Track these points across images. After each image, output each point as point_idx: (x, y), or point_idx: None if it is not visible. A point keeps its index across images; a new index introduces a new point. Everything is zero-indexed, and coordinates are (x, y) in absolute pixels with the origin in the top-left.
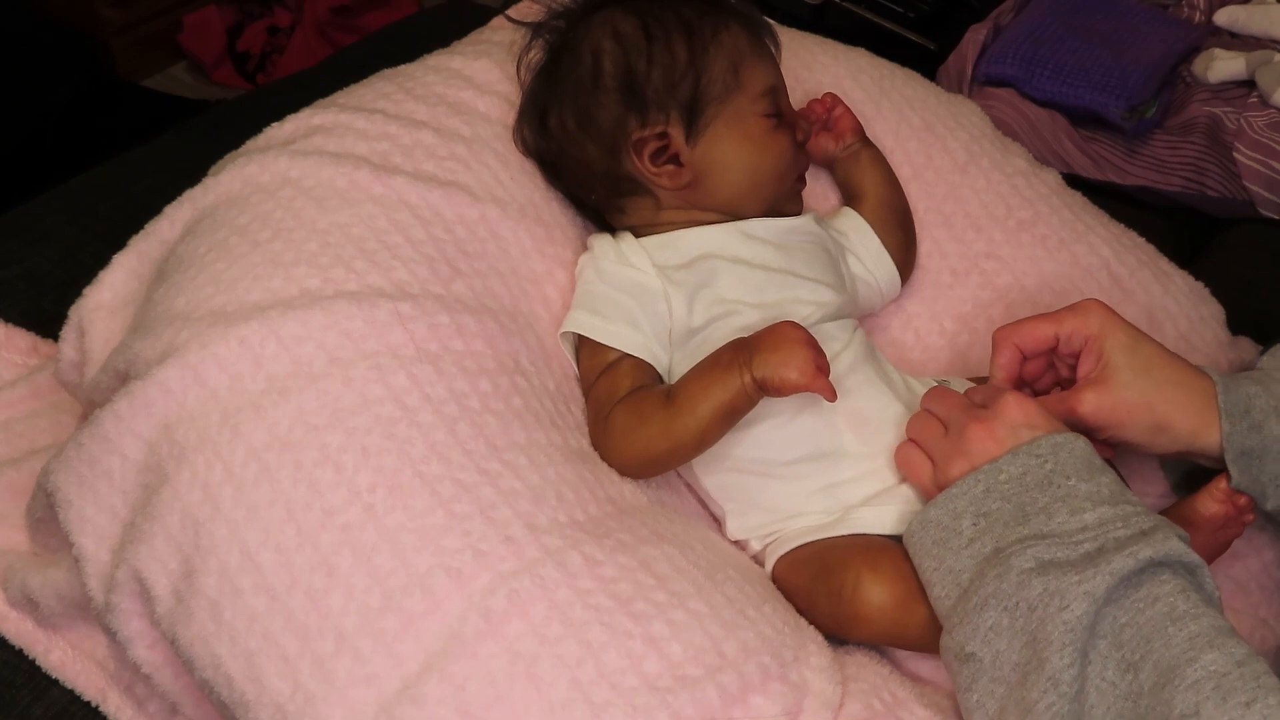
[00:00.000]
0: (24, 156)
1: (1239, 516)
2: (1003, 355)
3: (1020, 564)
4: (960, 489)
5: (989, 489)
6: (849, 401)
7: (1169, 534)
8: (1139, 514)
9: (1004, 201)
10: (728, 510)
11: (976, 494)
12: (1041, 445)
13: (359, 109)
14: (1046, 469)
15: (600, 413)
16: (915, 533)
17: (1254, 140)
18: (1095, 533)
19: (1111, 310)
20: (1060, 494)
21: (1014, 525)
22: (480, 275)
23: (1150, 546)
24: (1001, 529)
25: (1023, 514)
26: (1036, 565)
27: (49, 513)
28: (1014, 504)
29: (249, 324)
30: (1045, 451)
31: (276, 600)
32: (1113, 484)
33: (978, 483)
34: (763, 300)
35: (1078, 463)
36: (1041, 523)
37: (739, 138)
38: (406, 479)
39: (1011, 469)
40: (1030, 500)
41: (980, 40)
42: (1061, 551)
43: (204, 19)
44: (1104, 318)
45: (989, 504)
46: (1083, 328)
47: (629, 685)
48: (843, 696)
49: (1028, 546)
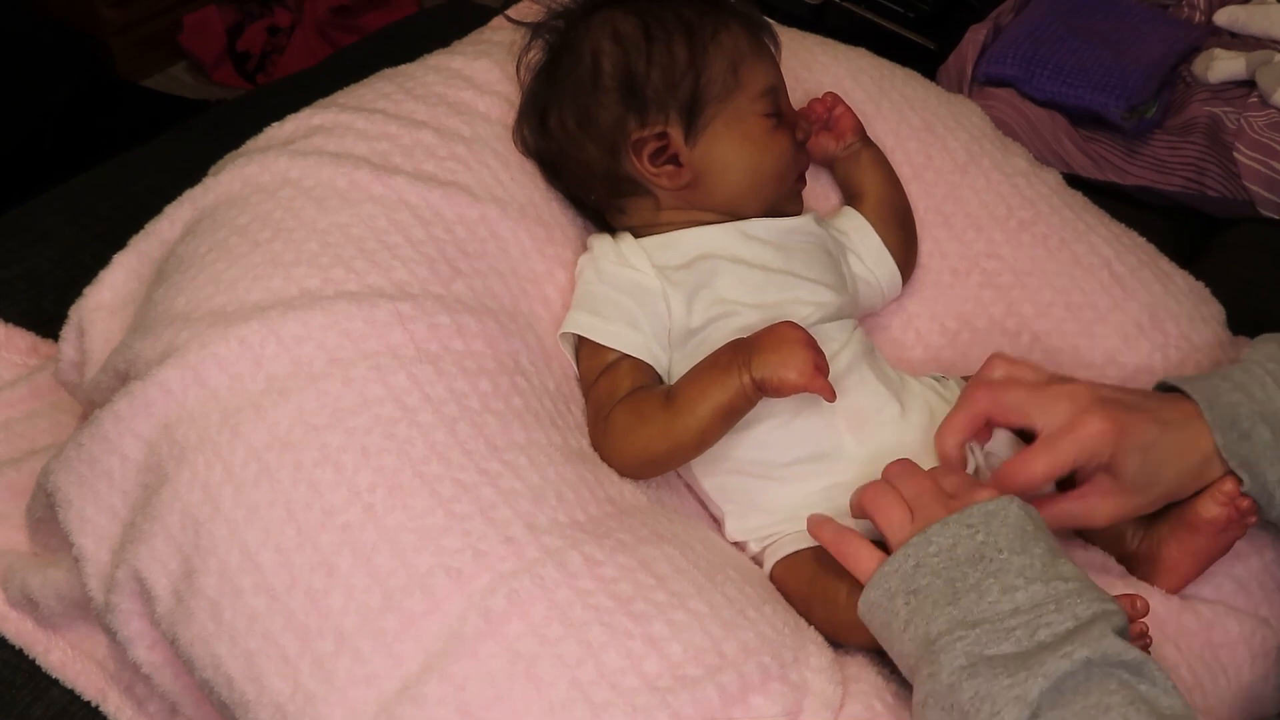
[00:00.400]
0: (24, 156)
1: (1241, 519)
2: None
3: (950, 661)
4: (891, 566)
5: (919, 563)
6: (848, 401)
7: (1105, 628)
8: (1073, 594)
9: (1004, 201)
10: (727, 511)
11: (907, 570)
12: (973, 514)
13: (359, 109)
14: (977, 541)
15: (600, 413)
16: (864, 616)
17: (1254, 140)
18: (1027, 617)
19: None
20: (992, 569)
21: (943, 605)
22: (480, 275)
23: (1086, 646)
24: (931, 609)
25: (953, 591)
26: (967, 663)
27: (49, 513)
28: (944, 579)
29: (249, 324)
30: (976, 521)
31: (276, 600)
32: (1046, 554)
33: (908, 558)
34: (762, 301)
35: (1010, 532)
36: (972, 603)
37: (739, 138)
38: (406, 479)
39: (941, 540)
40: (960, 575)
41: (980, 40)
42: (993, 644)
43: (204, 19)
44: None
45: (919, 580)
46: (1092, 462)
47: (629, 685)
48: (843, 697)
49: (958, 639)
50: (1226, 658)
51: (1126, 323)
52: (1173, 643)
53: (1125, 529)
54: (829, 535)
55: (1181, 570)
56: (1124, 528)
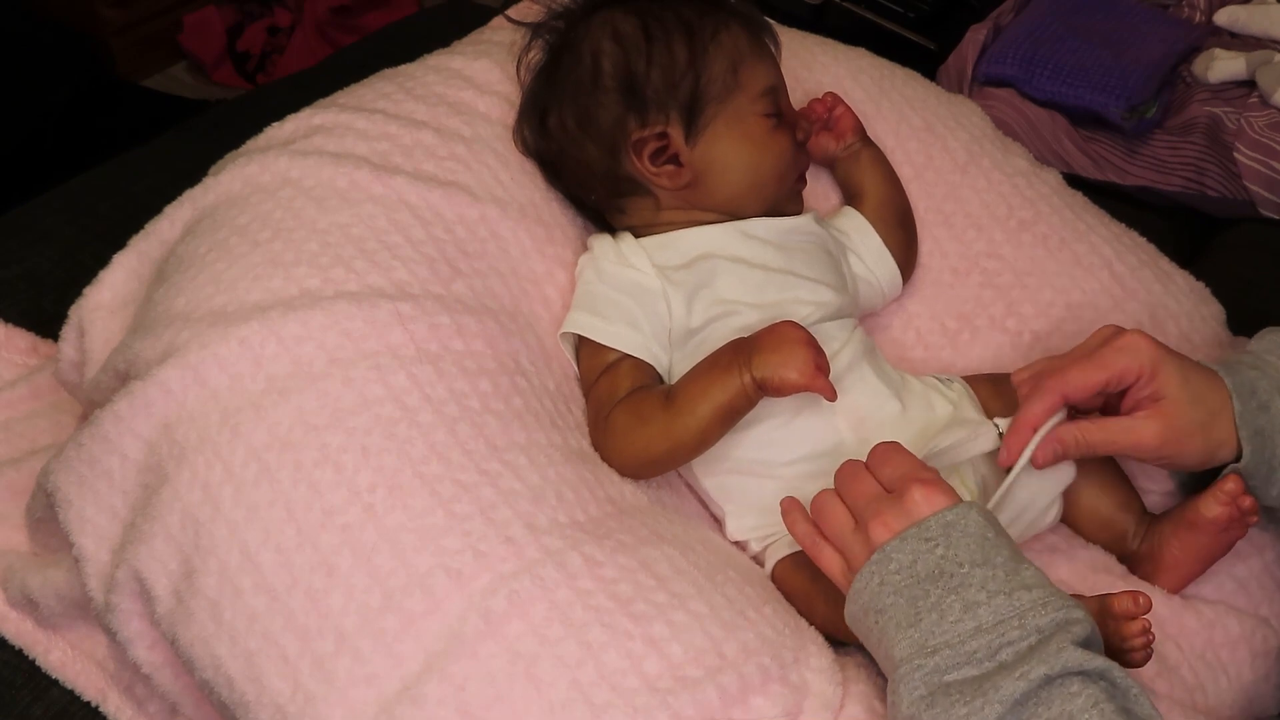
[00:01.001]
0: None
1: (1242, 519)
2: (1043, 402)
3: (909, 692)
4: (860, 583)
5: (882, 581)
6: (848, 400)
7: (1064, 640)
8: (1036, 605)
9: (1005, 201)
10: (727, 511)
11: (873, 589)
12: (931, 526)
13: (359, 109)
14: (937, 555)
15: (600, 413)
16: (851, 626)
17: (1254, 140)
18: (989, 637)
19: (1157, 342)
20: (953, 584)
21: (905, 627)
22: (480, 275)
23: (1044, 663)
24: (894, 630)
25: (915, 611)
26: (926, 693)
27: (49, 513)
28: (906, 598)
29: (249, 324)
30: (936, 534)
31: (276, 600)
32: (1009, 561)
33: (872, 576)
34: (762, 300)
35: (971, 543)
36: (933, 624)
37: (738, 137)
38: (407, 479)
39: (901, 557)
40: (922, 594)
41: (980, 40)
42: (953, 669)
43: (204, 19)
44: (1154, 354)
45: (883, 599)
46: (1134, 367)
47: (629, 686)
48: (843, 698)
49: (917, 668)
50: (1227, 657)
51: (1126, 322)
52: (1174, 642)
53: (1127, 528)
54: (803, 533)
55: (1183, 570)
56: (1125, 526)
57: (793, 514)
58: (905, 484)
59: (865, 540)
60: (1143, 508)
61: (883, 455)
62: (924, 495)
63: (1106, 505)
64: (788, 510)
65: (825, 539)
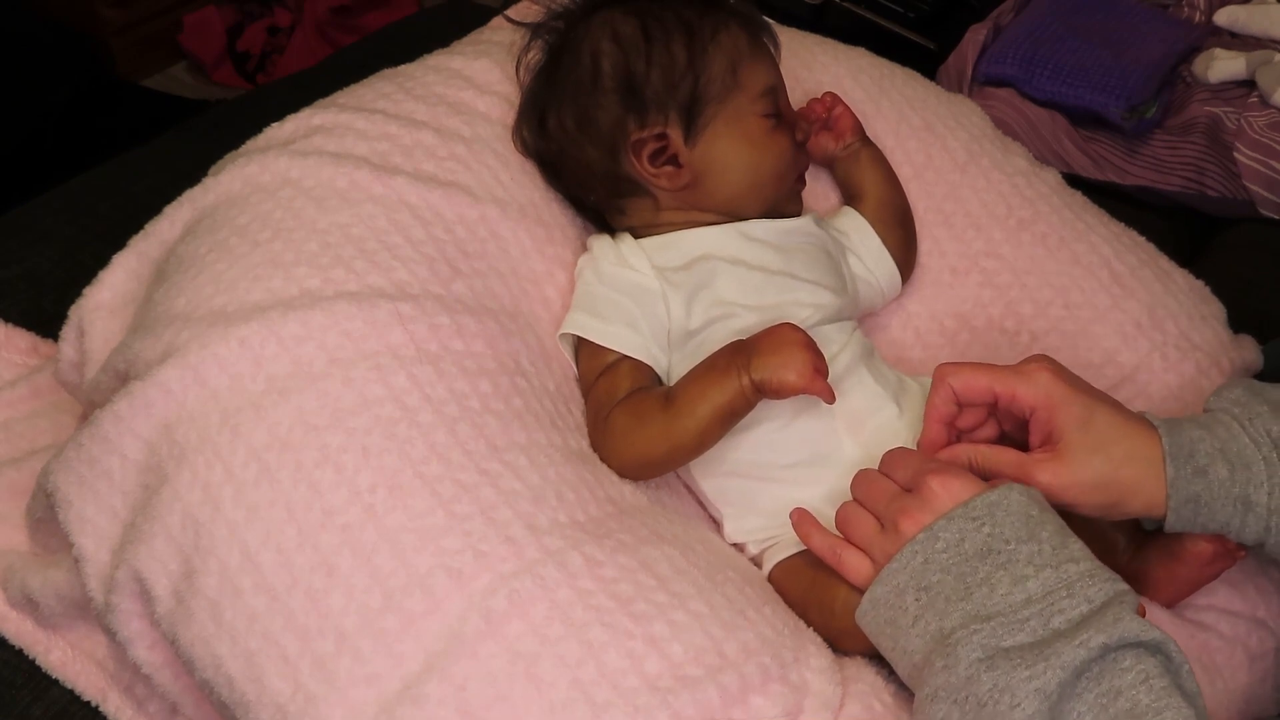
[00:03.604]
0: (24, 156)
1: (1229, 554)
2: (938, 395)
3: (968, 654)
4: (900, 563)
5: (928, 560)
6: (846, 403)
7: (1120, 611)
8: (1084, 576)
9: (1004, 201)
10: (725, 514)
11: (916, 566)
12: (976, 506)
13: (359, 109)
14: (984, 534)
15: (599, 414)
16: (866, 612)
17: (1254, 140)
18: (1040, 606)
19: (1062, 376)
20: (1000, 560)
21: (956, 601)
22: (480, 275)
23: (1102, 631)
24: (944, 604)
25: (964, 587)
26: (984, 655)
27: (49, 513)
28: (954, 575)
29: (249, 324)
30: (981, 513)
31: (277, 600)
32: (1054, 536)
33: (915, 554)
34: (761, 302)
35: (1015, 521)
36: (984, 596)
37: (738, 138)
38: (407, 479)
39: (948, 535)
40: (970, 570)
41: (980, 40)
42: (1008, 635)
43: (204, 19)
44: (1052, 387)
45: (929, 576)
46: (1028, 397)
47: (630, 685)
48: (842, 698)
49: (974, 632)
50: (1223, 660)
51: (1126, 322)
52: None
53: (1118, 542)
54: (820, 544)
55: (1169, 593)
56: (1117, 540)
57: (805, 526)
58: (920, 478)
59: (895, 537)
60: (1135, 524)
61: (893, 459)
62: (941, 484)
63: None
64: (800, 523)
65: (847, 545)
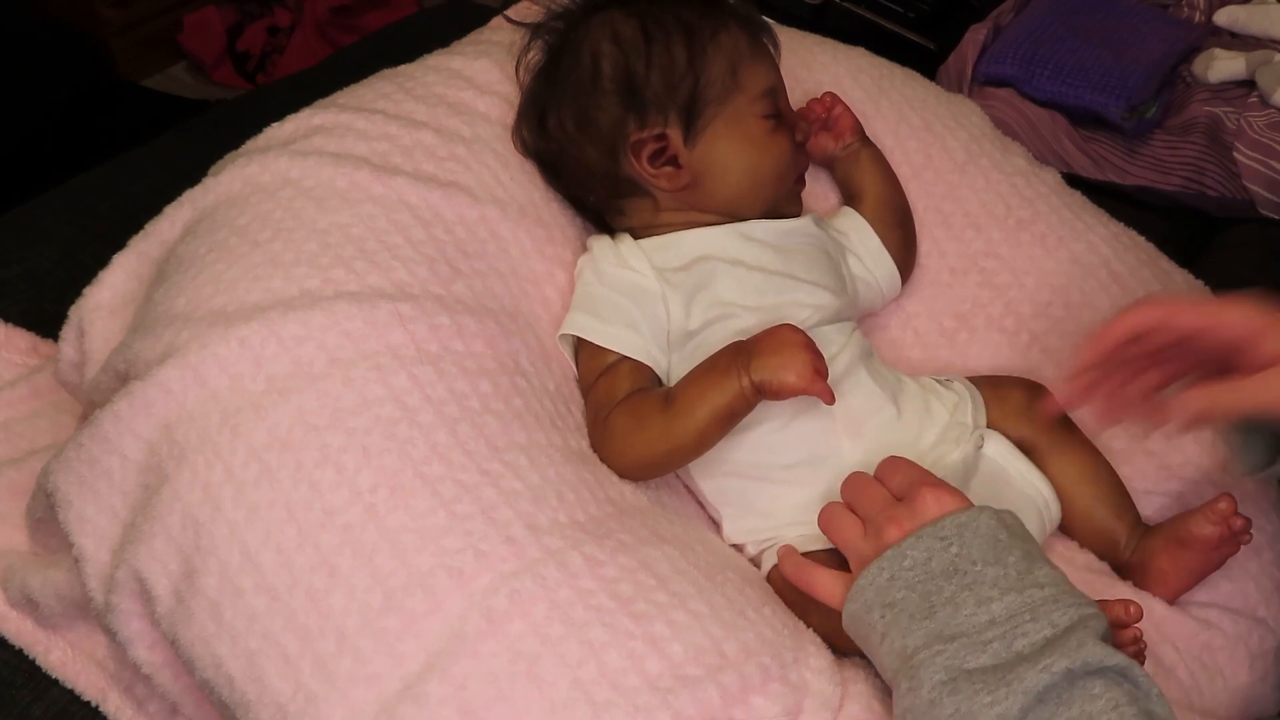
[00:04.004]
0: (24, 156)
1: (1234, 538)
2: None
3: (930, 676)
4: (866, 579)
5: (893, 576)
6: (845, 404)
7: (1084, 636)
8: (1049, 601)
9: (1003, 201)
10: (725, 514)
11: (881, 583)
12: (945, 526)
13: (359, 109)
14: (951, 553)
15: (599, 415)
16: (847, 627)
17: (1254, 140)
18: (1004, 629)
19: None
20: (966, 581)
21: (920, 619)
22: (480, 276)
23: (1066, 656)
24: (908, 622)
25: (928, 605)
26: (947, 678)
27: (49, 513)
28: (919, 593)
29: (249, 324)
30: (950, 533)
31: (277, 600)
32: (1021, 561)
33: (882, 571)
34: (760, 303)
35: (983, 543)
36: (948, 616)
37: (737, 139)
38: (407, 479)
39: (916, 553)
40: (935, 589)
41: (980, 40)
42: (971, 657)
43: (204, 19)
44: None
45: (894, 593)
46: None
47: (630, 685)
48: (842, 698)
49: (937, 653)
50: (1224, 659)
51: None
52: (1170, 644)
53: (1119, 537)
54: (790, 569)
55: (1173, 583)
56: (1118, 536)
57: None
58: (916, 489)
59: (877, 544)
60: (1137, 518)
61: (892, 466)
62: (935, 498)
63: (1101, 513)
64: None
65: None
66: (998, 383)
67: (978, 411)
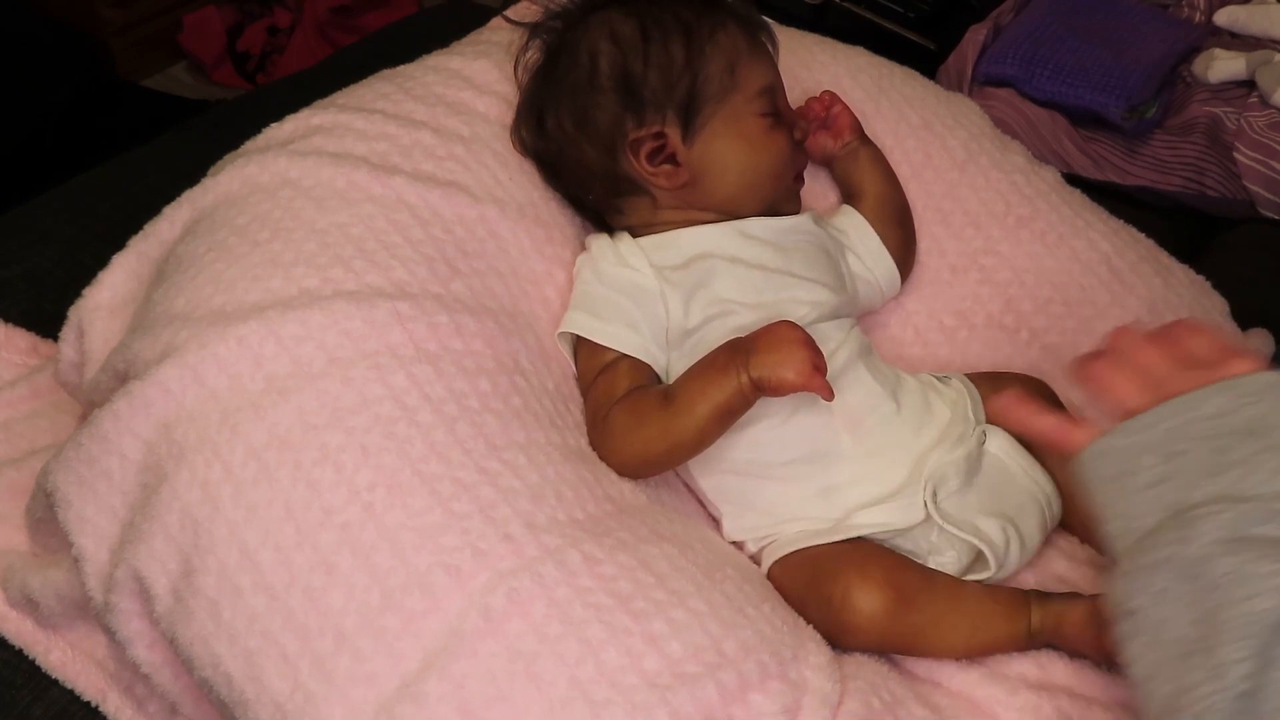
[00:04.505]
0: (24, 156)
1: None
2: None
3: (1208, 533)
4: (1150, 418)
5: (1186, 423)
6: (844, 400)
7: None
8: None
9: (1003, 199)
10: (724, 512)
11: (1169, 428)
12: (1254, 381)
13: (358, 109)
14: (1253, 412)
15: (598, 413)
16: (1088, 461)
17: (1254, 140)
18: None
19: None
20: (1268, 444)
21: (1204, 477)
22: (479, 275)
23: None
24: (1190, 477)
25: (1218, 464)
26: (1229, 537)
27: (49, 513)
28: (1210, 448)
29: (248, 324)
30: (1259, 388)
31: (276, 599)
32: None
33: (1174, 414)
34: (759, 300)
35: None
36: (1239, 477)
37: (736, 137)
38: (406, 478)
39: (1218, 402)
40: (1229, 446)
41: (980, 40)
42: (1259, 524)
43: (204, 19)
44: None
45: (1180, 443)
46: None
47: (629, 683)
48: (841, 694)
49: (1219, 512)
50: None
51: (1126, 318)
52: None
53: None
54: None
55: None
56: None
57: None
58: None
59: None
60: None
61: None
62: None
63: None
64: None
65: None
66: (998, 379)
67: (976, 408)
